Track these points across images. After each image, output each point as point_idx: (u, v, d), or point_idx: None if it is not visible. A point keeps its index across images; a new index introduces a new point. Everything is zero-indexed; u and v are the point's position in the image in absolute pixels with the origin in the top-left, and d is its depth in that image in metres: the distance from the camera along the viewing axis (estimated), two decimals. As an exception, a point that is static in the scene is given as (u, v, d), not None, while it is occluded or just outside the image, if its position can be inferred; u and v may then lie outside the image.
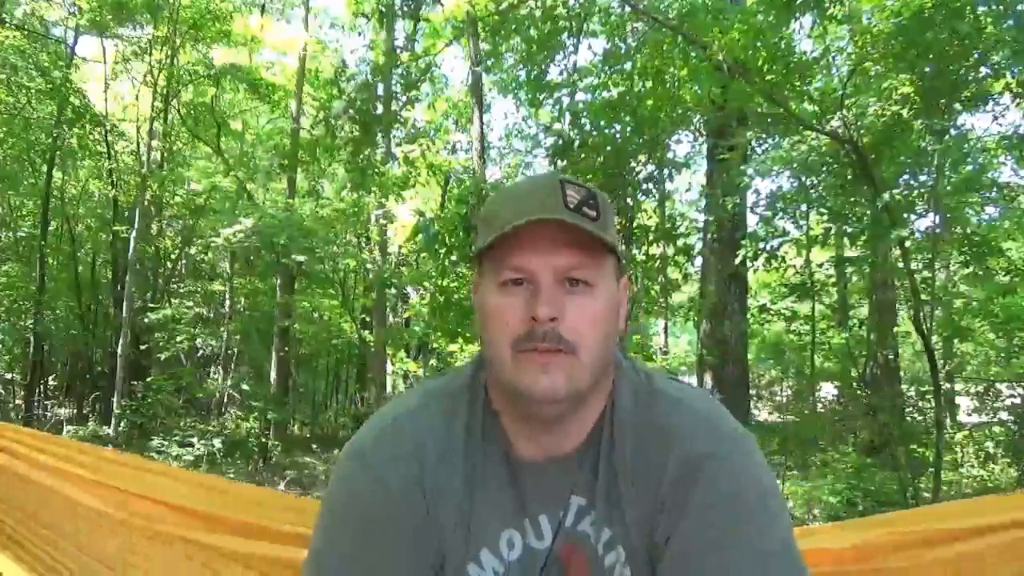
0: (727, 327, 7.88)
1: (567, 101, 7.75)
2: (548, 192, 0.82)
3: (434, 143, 13.96)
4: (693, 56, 5.96)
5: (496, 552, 0.88)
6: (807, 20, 5.90)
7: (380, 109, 10.86)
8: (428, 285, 10.80)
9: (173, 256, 14.56)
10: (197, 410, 12.42)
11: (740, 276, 7.85)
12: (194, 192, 14.52)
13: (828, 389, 9.45)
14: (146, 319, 10.95)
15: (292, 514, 1.77)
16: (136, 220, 10.94)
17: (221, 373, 12.62)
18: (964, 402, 9.30)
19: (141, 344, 11.59)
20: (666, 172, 8.24)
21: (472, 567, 0.87)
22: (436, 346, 11.07)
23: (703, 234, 8.76)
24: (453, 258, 8.70)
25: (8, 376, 13.48)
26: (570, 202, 0.81)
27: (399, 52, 9.82)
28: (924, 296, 5.55)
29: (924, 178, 5.55)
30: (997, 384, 8.32)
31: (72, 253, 13.69)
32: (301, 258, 10.08)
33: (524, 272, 0.81)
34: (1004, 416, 7.86)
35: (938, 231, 5.76)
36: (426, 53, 11.88)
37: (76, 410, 13.46)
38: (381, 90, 11.22)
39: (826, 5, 5.17)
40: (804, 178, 6.23)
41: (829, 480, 6.15)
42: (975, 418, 8.50)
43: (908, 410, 7.19)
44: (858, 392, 7.83)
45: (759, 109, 5.99)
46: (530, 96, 8.88)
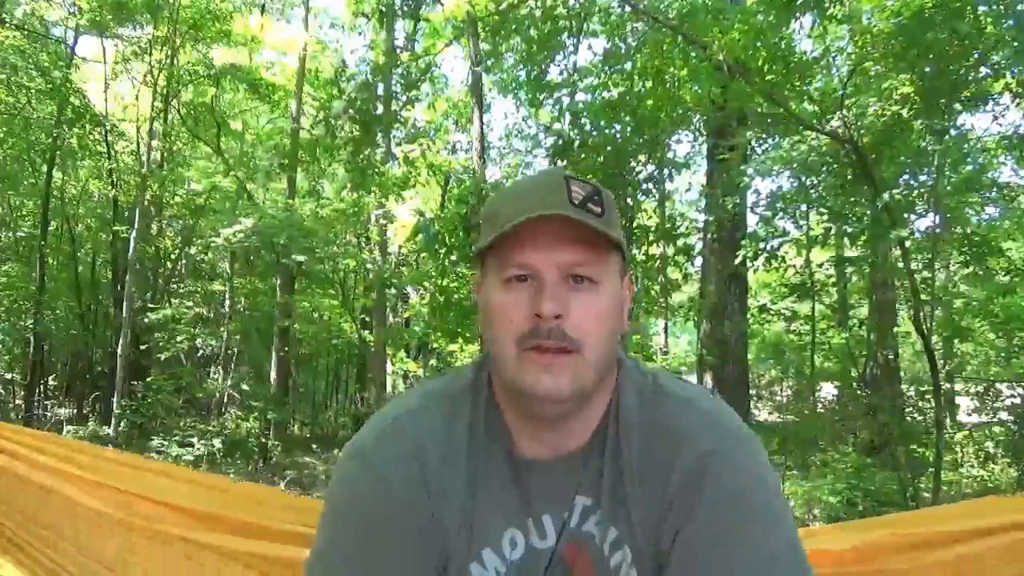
0: (727, 327, 7.88)
1: (567, 101, 7.76)
2: (552, 188, 0.81)
3: (434, 143, 13.96)
4: (693, 56, 5.97)
5: (499, 551, 0.87)
6: (807, 20, 5.90)
7: (380, 109, 10.86)
8: (428, 285, 10.80)
9: (173, 256, 14.56)
10: (197, 410, 12.42)
11: (740, 276, 7.84)
12: (194, 192, 14.51)
13: (828, 389, 9.46)
14: (146, 319, 10.95)
15: (292, 513, 1.77)
16: (136, 220, 10.94)
17: (221, 373, 12.62)
18: (964, 402, 9.30)
19: (141, 344, 11.59)
20: (666, 172, 8.25)
21: (475, 567, 0.87)
22: (436, 346, 11.09)
23: (703, 234, 8.76)
24: (453, 258, 8.70)
25: (8, 376, 13.48)
26: (575, 198, 0.80)
27: (399, 52, 9.83)
28: (924, 296, 5.56)
29: (924, 178, 5.56)
30: (997, 384, 8.32)
31: (72, 253, 13.69)
32: (301, 258, 10.08)
33: (528, 269, 0.80)
34: (1004, 416, 7.86)
35: (938, 231, 5.76)
36: (426, 53, 11.88)
37: (76, 410, 13.46)
38: (381, 90, 11.22)
39: (826, 5, 5.17)
40: (804, 178, 6.24)
41: (829, 480, 6.15)
42: (975, 418, 8.50)
43: (908, 410, 7.19)
44: (858, 392, 7.83)
45: (759, 109, 5.99)
46: (530, 96, 8.88)
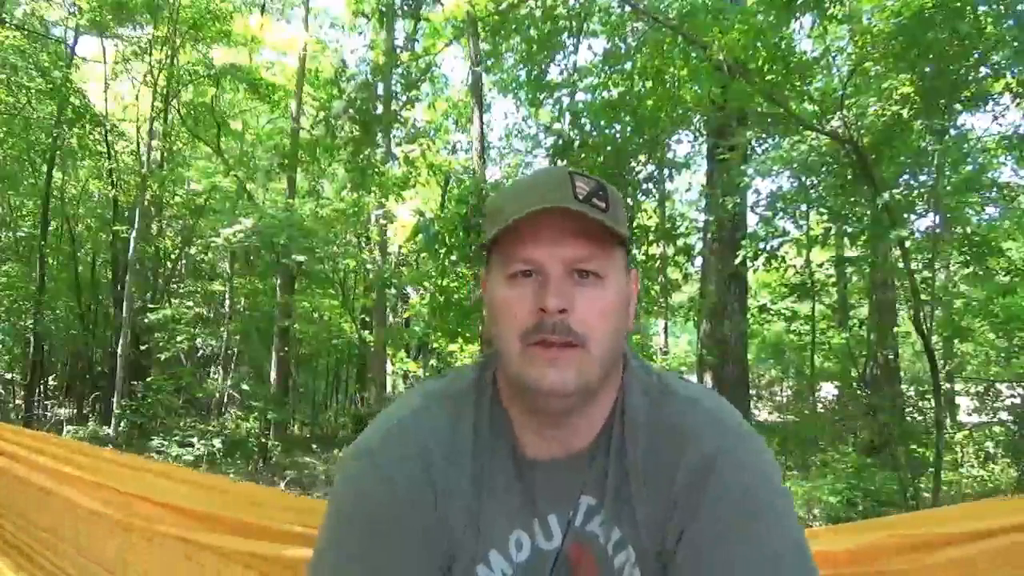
0: (727, 327, 7.87)
1: (567, 101, 7.76)
2: (557, 183, 0.80)
3: (434, 143, 13.97)
4: (693, 56, 5.97)
5: (505, 553, 0.87)
6: (807, 20, 5.90)
7: (380, 109, 10.86)
8: (428, 285, 10.80)
9: (173, 256, 14.56)
10: (197, 410, 12.42)
11: (740, 276, 7.84)
12: (194, 192, 14.51)
13: (828, 389, 9.46)
14: (146, 319, 10.95)
15: (292, 514, 1.77)
16: (136, 220, 10.94)
17: (221, 373, 12.62)
18: (964, 402, 9.30)
19: (141, 344, 11.59)
20: (666, 172, 8.26)
21: (481, 568, 0.86)
22: (436, 346, 11.09)
23: (703, 234, 8.76)
24: (453, 258, 8.70)
25: (8, 376, 13.48)
26: (579, 193, 0.79)
27: (399, 52, 9.83)
28: (924, 296, 5.55)
29: (924, 178, 5.56)
30: (997, 384, 8.32)
31: (72, 253, 13.69)
32: (301, 258, 10.09)
33: (532, 263, 0.80)
34: (1004, 416, 7.85)
35: (938, 231, 5.76)
36: (426, 53, 11.88)
37: (76, 410, 13.47)
38: (381, 90, 11.22)
39: (826, 5, 5.17)
40: (804, 178, 6.24)
41: (829, 480, 6.14)
42: (975, 418, 8.50)
43: (908, 410, 7.19)
44: (858, 392, 7.83)
45: (759, 109, 5.99)
46: (530, 96, 8.88)
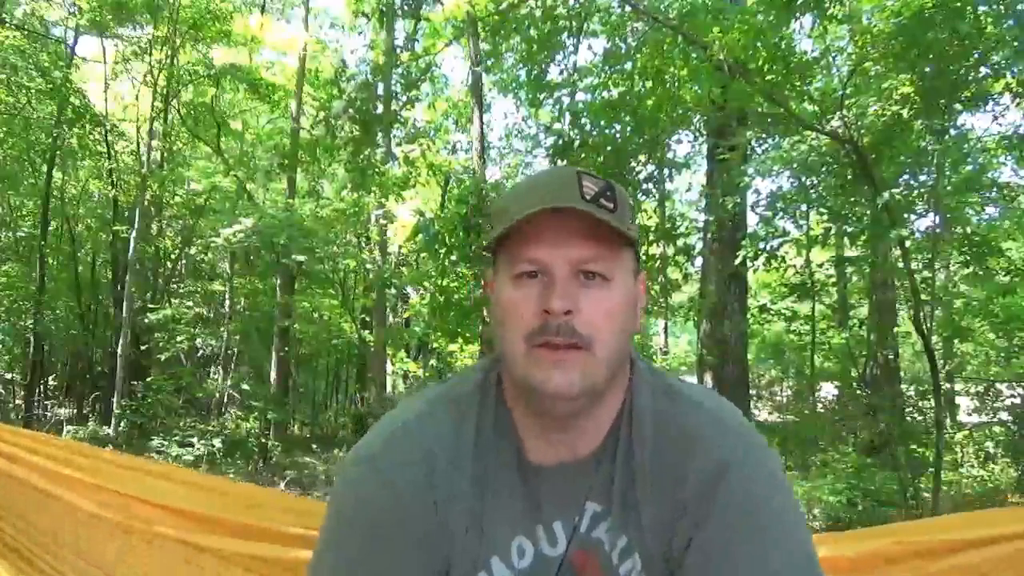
0: (727, 327, 7.87)
1: (567, 101, 7.76)
2: (564, 183, 0.79)
3: (434, 143, 13.97)
4: (693, 56, 5.96)
5: (507, 560, 0.86)
6: (807, 20, 5.90)
7: (380, 109, 10.86)
8: (428, 285, 10.80)
9: (173, 256, 14.56)
10: (197, 410, 12.41)
11: (740, 276, 7.83)
12: (194, 192, 14.51)
13: (828, 389, 9.45)
14: (146, 319, 10.95)
15: (292, 515, 1.77)
16: (136, 220, 10.94)
17: (221, 373, 12.62)
18: (964, 402, 9.29)
19: (141, 344, 11.59)
20: (666, 172, 8.26)
21: (482, 575, 0.85)
22: (436, 346, 11.10)
23: (703, 234, 8.75)
24: (453, 258, 8.70)
25: (8, 376, 13.48)
26: (587, 193, 0.78)
27: (399, 52, 9.83)
28: (924, 296, 5.55)
29: (924, 178, 5.56)
30: (997, 384, 8.31)
31: (72, 253, 13.69)
32: (301, 258, 10.08)
33: (538, 264, 0.78)
34: (1004, 416, 7.85)
35: (938, 231, 5.76)
36: (426, 53, 11.88)
37: (76, 410, 13.46)
38: (381, 90, 11.22)
39: (826, 5, 5.17)
40: (804, 178, 6.23)
41: (829, 480, 6.13)
42: (975, 418, 8.49)
43: (908, 410, 7.19)
44: (858, 392, 7.83)
45: (759, 109, 5.99)
46: (530, 96, 8.88)
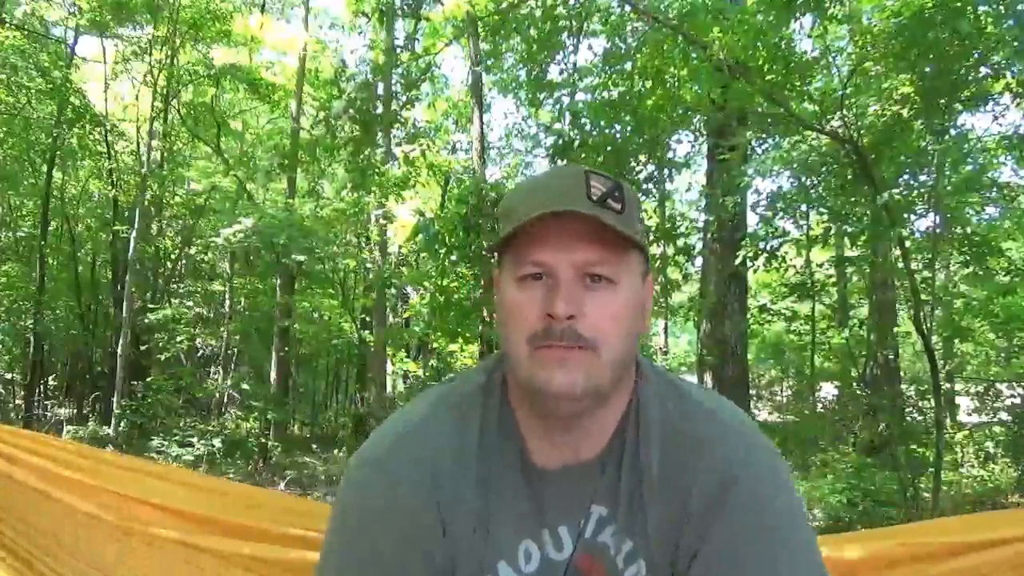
0: (727, 327, 7.86)
1: (567, 101, 7.75)
2: (571, 183, 0.78)
3: (434, 143, 13.96)
4: (693, 56, 5.96)
5: (514, 564, 0.85)
6: (807, 20, 5.89)
7: (380, 109, 10.85)
8: (428, 285, 10.79)
9: (173, 256, 14.56)
10: (197, 410, 12.41)
11: (740, 276, 7.83)
12: (194, 192, 14.52)
13: (828, 389, 9.45)
14: (146, 319, 10.95)
15: (292, 516, 1.77)
16: (136, 220, 10.94)
17: (221, 373, 12.63)
18: (964, 402, 9.29)
19: (141, 344, 11.60)
20: (666, 172, 8.25)
21: None
22: (436, 346, 11.09)
23: (703, 234, 8.75)
24: (453, 258, 8.70)
25: (8, 376, 13.48)
26: (594, 194, 0.77)
27: (399, 52, 9.81)
28: (924, 296, 5.55)
29: (924, 178, 5.56)
30: (997, 384, 8.31)
31: (72, 253, 13.69)
32: (301, 258, 10.08)
33: (542, 267, 0.77)
34: (1004, 416, 7.85)
35: (938, 231, 5.76)
36: (426, 53, 11.87)
37: (76, 410, 13.47)
38: (381, 90, 11.21)
39: (826, 5, 5.16)
40: (804, 178, 6.23)
41: (829, 480, 6.14)
42: (975, 418, 8.49)
43: (908, 410, 7.18)
44: (858, 392, 7.83)
45: (759, 109, 5.98)
46: (530, 96, 8.88)
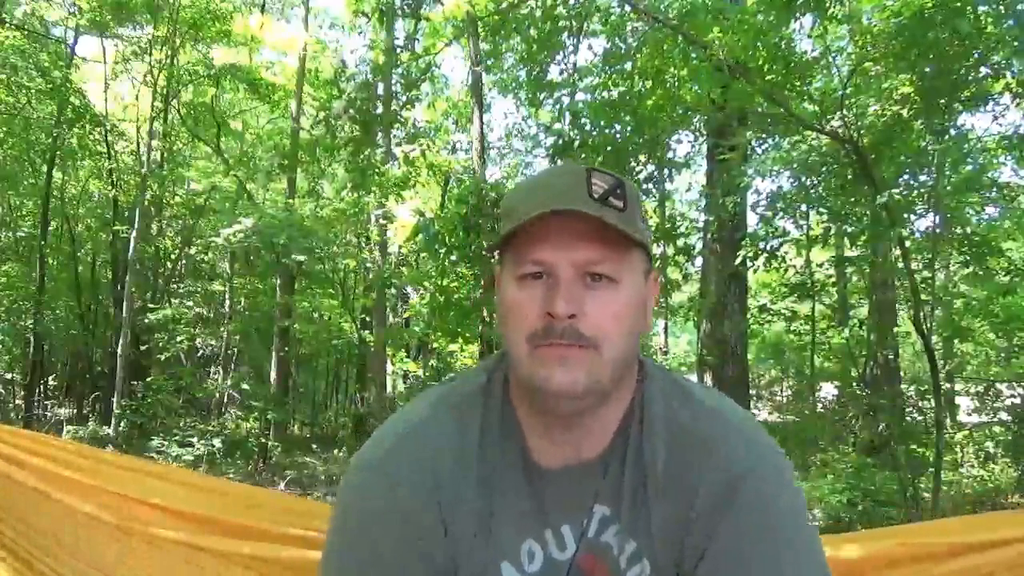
0: (727, 327, 7.86)
1: (567, 101, 7.75)
2: (572, 181, 0.78)
3: (434, 143, 13.96)
4: (693, 56, 5.95)
5: (516, 564, 0.85)
6: (807, 20, 5.89)
7: (380, 109, 10.85)
8: (428, 285, 10.79)
9: (173, 256, 14.56)
10: (197, 410, 12.42)
11: (740, 276, 7.83)
12: (194, 192, 14.53)
13: (828, 389, 9.45)
14: (146, 319, 10.95)
15: (291, 516, 1.77)
16: (136, 220, 10.94)
17: (221, 373, 12.63)
18: (964, 402, 9.29)
19: (141, 344, 11.60)
20: (666, 172, 8.25)
21: None
22: (436, 346, 11.09)
23: (703, 234, 8.75)
24: (453, 258, 8.70)
25: (8, 376, 13.49)
26: (595, 192, 0.76)
27: (399, 52, 9.81)
28: (924, 296, 5.55)
29: (924, 178, 5.55)
30: (997, 384, 8.31)
31: (72, 253, 13.70)
32: (301, 258, 10.08)
33: (543, 266, 0.77)
34: (1004, 416, 7.85)
35: (938, 231, 5.76)
36: (426, 53, 11.87)
37: (76, 410, 13.47)
38: (381, 90, 11.21)
39: (826, 5, 5.16)
40: (804, 178, 6.23)
41: (829, 480, 6.14)
42: (975, 418, 8.49)
43: (908, 410, 7.18)
44: (858, 392, 7.83)
45: (759, 109, 5.98)
46: (530, 96, 8.87)
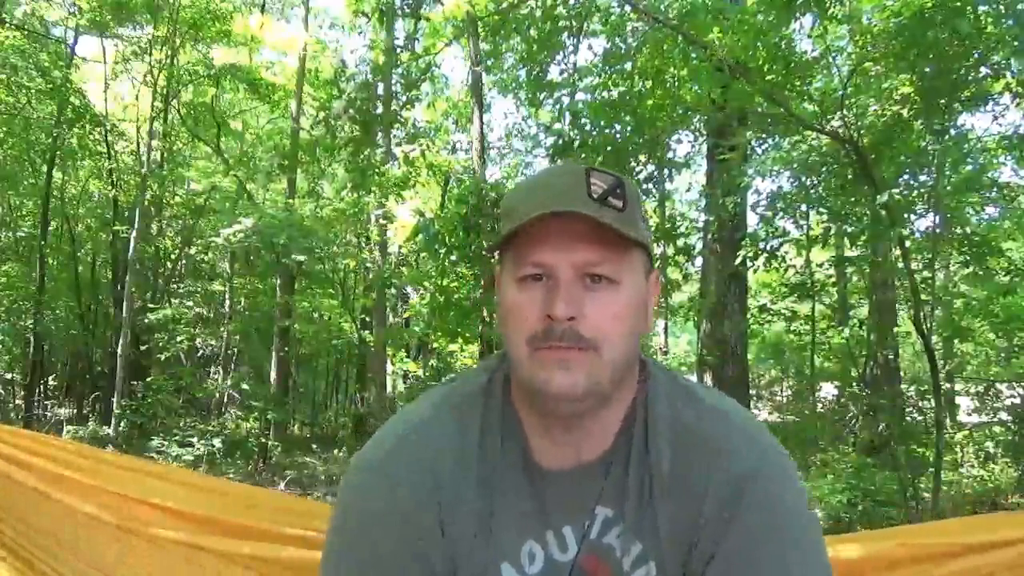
0: (727, 327, 7.86)
1: (567, 101, 7.74)
2: (572, 181, 0.77)
3: (434, 143, 13.97)
4: (693, 56, 5.95)
5: (517, 565, 0.84)
6: (807, 20, 5.90)
7: (380, 109, 10.85)
8: (428, 285, 10.80)
9: (173, 256, 14.56)
10: (197, 410, 12.42)
11: (740, 276, 7.83)
12: (194, 192, 14.53)
13: (828, 389, 9.45)
14: (146, 319, 10.95)
15: (292, 516, 1.77)
16: (136, 220, 10.94)
17: (221, 373, 12.63)
18: (964, 402, 9.29)
19: (141, 344, 11.60)
20: (666, 172, 8.25)
21: None
22: (436, 346, 11.09)
23: (703, 234, 8.75)
24: (453, 258, 8.70)
25: (8, 376, 13.49)
26: (594, 192, 0.76)
27: (399, 52, 9.81)
28: (924, 296, 5.54)
29: (924, 178, 5.55)
30: (997, 384, 8.31)
31: (72, 253, 13.70)
32: (301, 258, 10.08)
33: (542, 268, 0.77)
34: (1004, 416, 7.85)
35: (938, 231, 5.76)
36: (426, 53, 11.87)
37: (76, 410, 13.48)
38: (381, 90, 11.21)
39: (826, 5, 5.16)
40: (804, 178, 6.23)
41: (829, 480, 6.14)
42: (975, 418, 8.49)
43: (908, 410, 7.18)
44: (858, 392, 7.83)
45: (759, 109, 5.98)
46: (530, 96, 8.87)
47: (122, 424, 9.58)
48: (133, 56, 11.94)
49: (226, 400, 12.77)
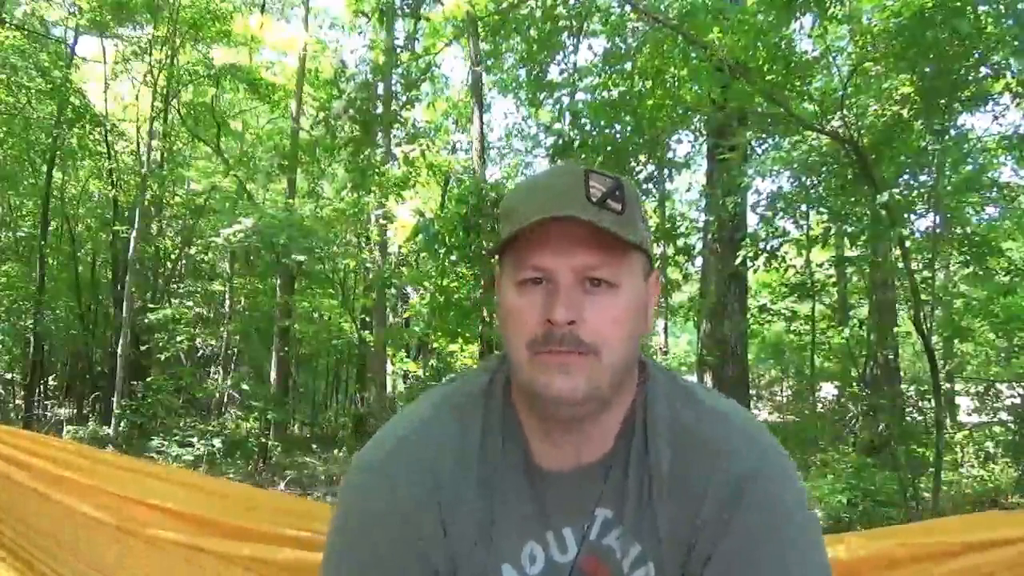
0: (727, 327, 7.86)
1: (567, 101, 7.74)
2: (570, 184, 0.77)
3: (434, 143, 13.97)
4: (693, 56, 5.95)
5: (517, 566, 0.85)
6: (807, 20, 5.89)
7: (380, 109, 10.85)
8: (428, 285, 10.80)
9: (173, 256, 14.56)
10: (197, 410, 12.41)
11: (740, 276, 7.83)
12: (194, 192, 14.53)
13: (828, 389, 9.45)
14: (146, 319, 10.95)
15: (291, 517, 1.77)
16: (136, 220, 10.94)
17: (221, 373, 12.63)
18: (964, 402, 9.29)
19: (141, 344, 11.60)
20: (666, 172, 8.25)
21: None
22: (436, 346, 11.10)
23: (703, 234, 8.75)
24: (453, 258, 8.70)
25: (8, 376, 13.49)
26: (593, 195, 0.76)
27: (399, 52, 9.81)
28: (924, 296, 5.54)
29: (924, 178, 5.55)
30: (997, 384, 8.31)
31: (72, 253, 13.70)
32: (301, 258, 10.08)
33: (542, 271, 0.77)
34: (1004, 416, 7.85)
35: (938, 231, 5.75)
36: (426, 53, 11.87)
37: (76, 410, 13.48)
38: (381, 90, 11.20)
39: (826, 5, 5.16)
40: (804, 178, 6.23)
41: (829, 480, 6.14)
42: (975, 418, 8.49)
43: (908, 410, 7.18)
44: (858, 392, 7.83)
45: (759, 109, 5.98)
46: (530, 96, 8.87)
47: (122, 424, 9.58)
48: (133, 56, 11.94)
49: (226, 400, 12.77)
